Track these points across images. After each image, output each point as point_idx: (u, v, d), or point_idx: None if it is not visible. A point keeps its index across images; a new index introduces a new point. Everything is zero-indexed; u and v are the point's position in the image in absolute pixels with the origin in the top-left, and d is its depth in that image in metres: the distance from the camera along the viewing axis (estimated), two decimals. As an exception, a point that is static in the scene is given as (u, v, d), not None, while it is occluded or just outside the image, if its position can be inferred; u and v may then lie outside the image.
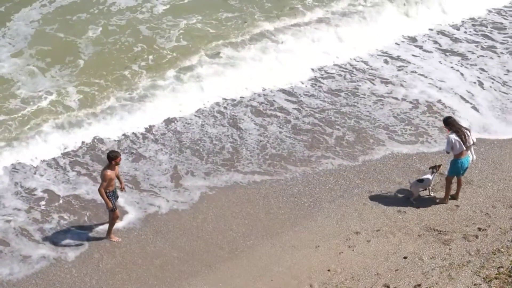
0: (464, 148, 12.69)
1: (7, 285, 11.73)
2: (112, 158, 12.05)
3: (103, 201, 12.35)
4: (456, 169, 12.90)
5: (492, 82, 17.51)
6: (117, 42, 18.54)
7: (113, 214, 12.34)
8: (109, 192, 12.10)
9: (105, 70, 17.41)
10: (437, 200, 13.24)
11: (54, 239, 12.62)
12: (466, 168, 13.01)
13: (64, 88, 16.63)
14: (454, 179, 13.16)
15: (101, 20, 19.41)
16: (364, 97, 16.94)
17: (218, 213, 13.20)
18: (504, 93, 17.07)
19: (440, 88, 17.21)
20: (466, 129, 12.90)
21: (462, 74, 17.88)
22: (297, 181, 13.96)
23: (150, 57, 18.01)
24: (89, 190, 13.66)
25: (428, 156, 14.50)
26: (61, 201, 13.48)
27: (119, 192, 12.78)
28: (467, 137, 12.70)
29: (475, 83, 17.49)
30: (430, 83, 17.44)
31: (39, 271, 11.98)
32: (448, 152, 12.78)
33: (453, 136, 12.65)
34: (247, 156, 14.83)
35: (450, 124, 12.83)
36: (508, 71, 18.04)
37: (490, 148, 14.68)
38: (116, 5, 20.23)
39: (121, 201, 13.25)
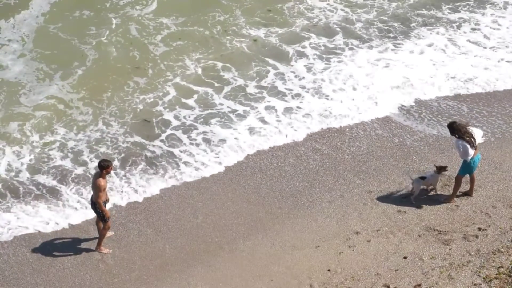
0: (475, 148, 12.65)
1: (7, 285, 11.72)
2: (104, 167, 11.82)
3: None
4: (469, 168, 12.86)
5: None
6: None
7: (106, 225, 12.12)
8: (103, 202, 11.93)
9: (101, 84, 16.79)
10: (442, 199, 13.21)
11: (54, 239, 12.63)
12: (477, 164, 12.96)
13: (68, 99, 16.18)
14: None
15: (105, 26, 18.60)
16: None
17: (218, 213, 13.20)
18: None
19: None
20: (469, 127, 12.78)
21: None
22: (296, 180, 13.98)
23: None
24: (90, 190, 13.66)
25: (428, 157, 14.48)
26: (61, 201, 13.50)
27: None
28: (474, 136, 12.61)
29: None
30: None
31: (39, 271, 11.98)
32: (467, 159, 12.61)
33: (462, 142, 12.53)
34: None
35: (457, 130, 12.59)
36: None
37: (490, 148, 14.66)
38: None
39: (121, 201, 13.27)
